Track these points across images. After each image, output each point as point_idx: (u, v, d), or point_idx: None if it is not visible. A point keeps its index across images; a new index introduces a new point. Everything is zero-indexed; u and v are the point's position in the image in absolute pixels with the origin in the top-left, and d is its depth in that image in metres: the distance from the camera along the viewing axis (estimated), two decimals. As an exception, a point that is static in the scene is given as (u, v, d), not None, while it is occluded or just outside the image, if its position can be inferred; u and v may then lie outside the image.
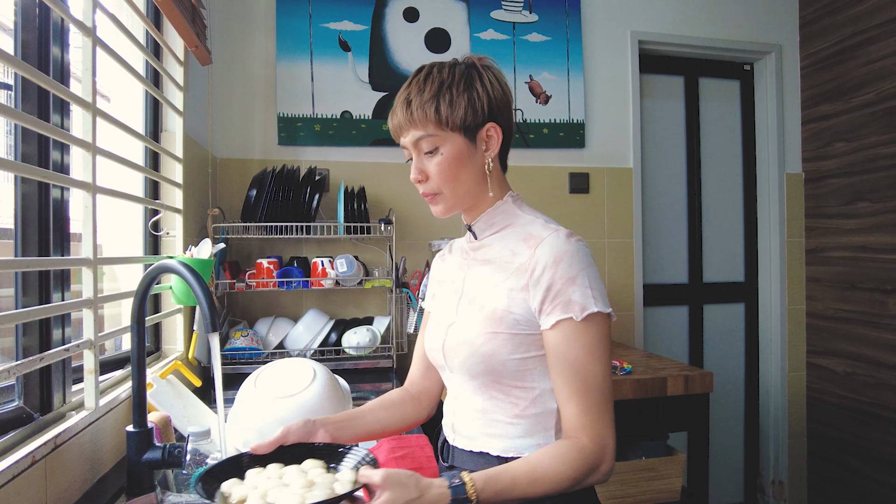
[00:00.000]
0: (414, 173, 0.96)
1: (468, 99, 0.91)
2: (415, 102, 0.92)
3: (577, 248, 0.88)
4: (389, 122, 0.97)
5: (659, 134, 2.79)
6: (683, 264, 2.84)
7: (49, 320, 1.08)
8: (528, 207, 1.00)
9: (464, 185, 0.94)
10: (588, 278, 0.86)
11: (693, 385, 1.85)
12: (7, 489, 0.82)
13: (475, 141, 0.94)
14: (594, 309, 0.85)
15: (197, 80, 1.96)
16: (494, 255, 0.97)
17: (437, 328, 1.02)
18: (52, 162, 1.09)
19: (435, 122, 0.91)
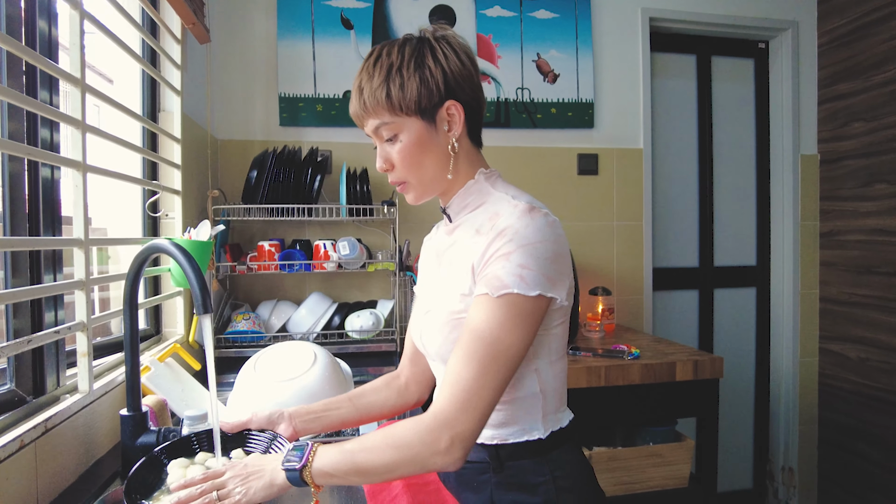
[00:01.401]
0: (379, 162, 0.92)
1: (420, 79, 0.86)
2: (366, 90, 0.87)
3: (528, 222, 0.82)
4: (350, 111, 0.93)
5: (670, 114, 2.72)
6: (694, 248, 2.79)
7: (41, 303, 1.05)
8: (502, 184, 0.94)
9: (429, 171, 0.90)
10: (526, 257, 0.79)
11: (703, 370, 1.81)
12: (-6, 473, 0.80)
13: (435, 122, 0.88)
14: (513, 290, 0.78)
15: (195, 59, 1.92)
16: (464, 237, 0.92)
17: (416, 315, 1.01)
18: (41, 140, 1.06)
19: (388, 109, 0.86)
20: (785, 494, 2.78)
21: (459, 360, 0.79)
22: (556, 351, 0.91)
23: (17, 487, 0.86)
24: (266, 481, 0.79)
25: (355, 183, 2.07)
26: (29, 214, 1.04)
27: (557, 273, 0.82)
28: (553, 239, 0.82)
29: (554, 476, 0.88)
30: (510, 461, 0.89)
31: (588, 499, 0.91)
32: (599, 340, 2.15)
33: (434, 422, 0.76)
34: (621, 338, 2.19)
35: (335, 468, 0.78)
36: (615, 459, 1.79)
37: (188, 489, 0.80)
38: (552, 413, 0.91)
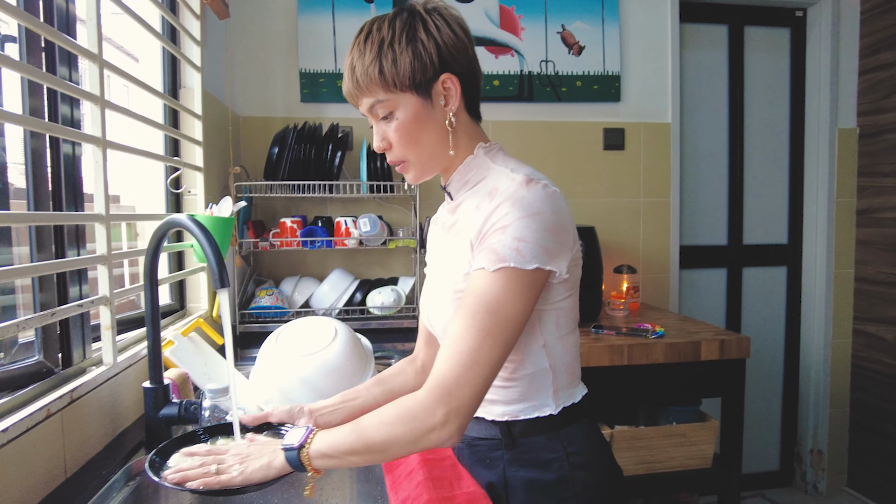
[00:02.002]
0: (377, 141, 0.89)
1: (413, 53, 0.82)
2: (358, 67, 0.84)
3: (524, 194, 0.79)
4: (343, 90, 0.90)
5: (699, 87, 2.63)
6: (723, 225, 2.71)
7: (65, 277, 1.08)
8: (502, 157, 0.91)
9: (427, 148, 0.87)
10: (523, 229, 0.77)
11: (729, 350, 1.77)
12: (21, 441, 0.83)
13: (431, 97, 0.85)
14: (510, 264, 0.76)
15: (215, 34, 1.91)
16: (464, 215, 0.90)
17: (424, 295, 1.00)
18: (62, 116, 1.07)
19: (381, 86, 0.83)
20: (813, 477, 2.74)
21: (455, 333, 0.78)
22: (566, 325, 0.89)
23: (46, 455, 0.88)
24: (264, 462, 0.79)
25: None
26: (52, 191, 1.06)
27: (557, 245, 0.80)
28: (552, 210, 0.80)
29: (567, 452, 0.87)
30: (522, 437, 0.88)
31: (602, 475, 0.90)
32: (624, 319, 2.12)
33: (428, 397, 0.75)
34: (646, 316, 2.16)
35: (332, 449, 0.78)
36: (637, 438, 1.77)
37: (191, 459, 0.82)
38: (564, 389, 0.89)
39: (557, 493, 0.86)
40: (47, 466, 0.89)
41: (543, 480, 0.87)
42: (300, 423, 0.94)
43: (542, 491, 0.87)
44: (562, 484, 0.86)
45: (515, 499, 0.88)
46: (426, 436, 0.75)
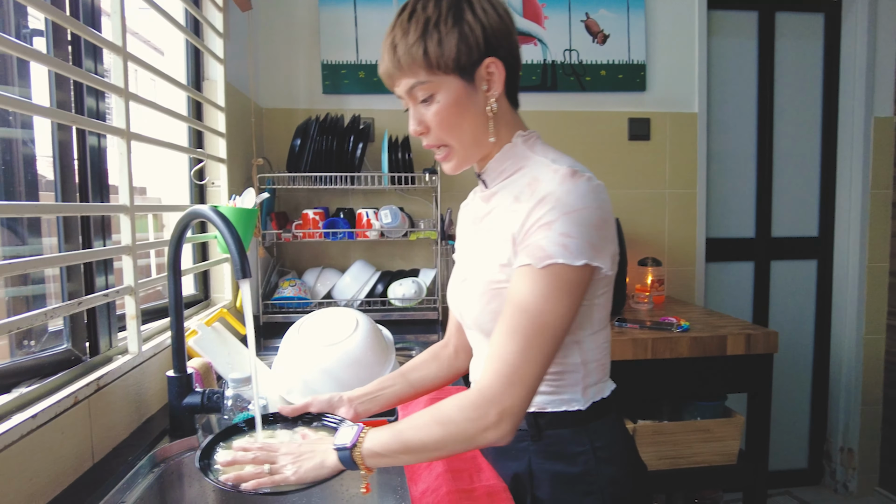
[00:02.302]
0: (413, 125, 0.87)
1: (459, 34, 0.80)
2: (400, 47, 0.81)
3: (571, 188, 0.77)
4: (379, 71, 0.87)
5: (728, 76, 2.57)
6: (750, 217, 2.65)
7: (92, 268, 1.09)
8: (541, 147, 0.89)
9: (468, 133, 0.85)
10: (570, 224, 0.76)
11: (755, 345, 1.73)
12: (50, 426, 0.84)
13: (474, 81, 0.83)
14: (558, 260, 0.75)
15: (238, 27, 1.92)
16: (501, 203, 0.88)
17: (452, 284, 0.99)
18: (87, 109, 1.09)
19: (425, 67, 0.80)
20: (843, 476, 2.67)
21: (503, 333, 0.77)
22: (599, 322, 0.88)
23: (74, 440, 0.90)
24: (317, 461, 0.79)
25: (397, 151, 2.05)
26: (79, 183, 1.08)
27: (602, 240, 0.78)
28: (597, 205, 0.78)
29: (594, 447, 0.86)
30: (549, 429, 0.87)
31: (628, 471, 0.89)
32: (648, 312, 2.09)
33: (480, 398, 0.75)
34: (671, 310, 2.12)
35: (384, 447, 0.77)
36: (660, 433, 1.74)
37: (243, 454, 0.82)
38: (593, 384, 0.88)
39: (583, 486, 0.85)
40: (76, 452, 0.91)
41: (569, 473, 0.86)
42: (340, 412, 0.95)
43: (568, 484, 0.86)
44: (587, 477, 0.85)
45: (541, 490, 0.87)
46: (480, 434, 0.74)
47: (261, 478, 0.78)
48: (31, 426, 0.80)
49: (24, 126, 1.04)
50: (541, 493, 0.87)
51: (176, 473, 1.04)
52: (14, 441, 0.77)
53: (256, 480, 0.77)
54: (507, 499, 0.85)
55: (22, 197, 1.00)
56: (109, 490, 0.88)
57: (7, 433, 0.75)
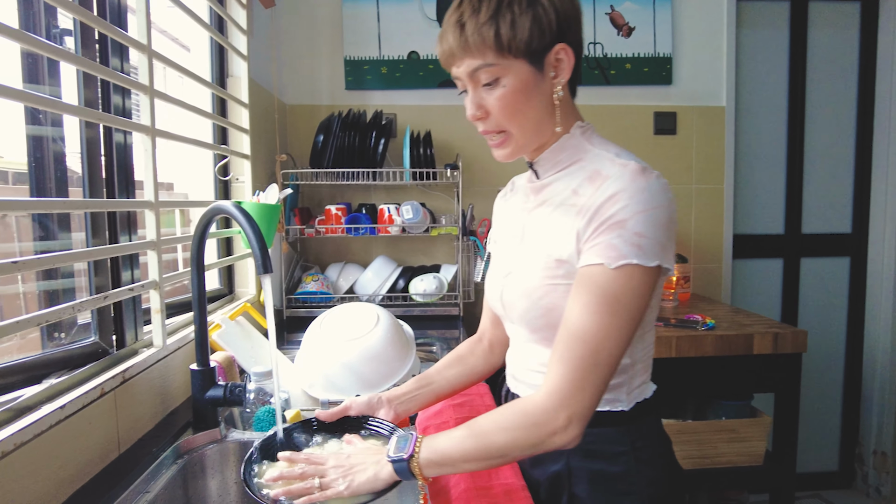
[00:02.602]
0: (471, 109, 0.82)
1: (533, 17, 0.76)
2: (469, 25, 0.76)
3: (644, 186, 0.74)
4: (438, 49, 0.82)
5: (757, 68, 2.50)
6: (780, 213, 2.58)
7: (118, 262, 1.12)
8: (598, 139, 0.86)
9: (531, 121, 0.81)
10: (643, 224, 0.73)
11: (783, 344, 1.69)
12: (79, 417, 0.87)
13: (542, 67, 0.79)
14: (632, 261, 0.72)
15: (261, 23, 1.94)
16: (555, 196, 0.85)
17: (495, 277, 0.94)
18: (114, 106, 1.11)
19: (494, 49, 0.76)
20: (876, 479, 2.60)
21: (573, 334, 0.74)
22: (649, 322, 0.86)
23: (100, 431, 0.93)
24: (370, 475, 0.76)
25: (419, 146, 2.05)
26: (105, 179, 1.10)
27: (669, 240, 0.75)
28: (667, 204, 0.75)
29: (635, 447, 0.84)
30: (589, 427, 0.82)
31: (666, 472, 0.87)
32: (673, 310, 2.06)
33: (549, 401, 0.73)
34: (696, 307, 2.09)
35: (444, 457, 0.75)
36: (684, 432, 1.72)
37: (291, 468, 0.80)
38: (638, 385, 0.87)
39: (622, 486, 0.84)
40: (102, 442, 0.93)
41: (608, 472, 0.85)
42: (380, 413, 0.93)
43: (606, 483, 0.85)
44: (627, 478, 0.84)
45: (578, 488, 0.86)
46: (548, 439, 0.73)
47: (311, 493, 0.76)
48: (60, 416, 0.82)
49: (54, 124, 1.06)
50: (578, 490, 0.85)
51: (199, 465, 1.06)
52: (44, 430, 0.79)
53: (308, 497, 0.75)
54: (525, 497, 0.84)
55: (52, 193, 1.02)
56: (135, 480, 0.90)
57: (38, 422, 0.77)
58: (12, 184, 1.87)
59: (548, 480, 0.89)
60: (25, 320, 0.78)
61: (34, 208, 0.89)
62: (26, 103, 0.82)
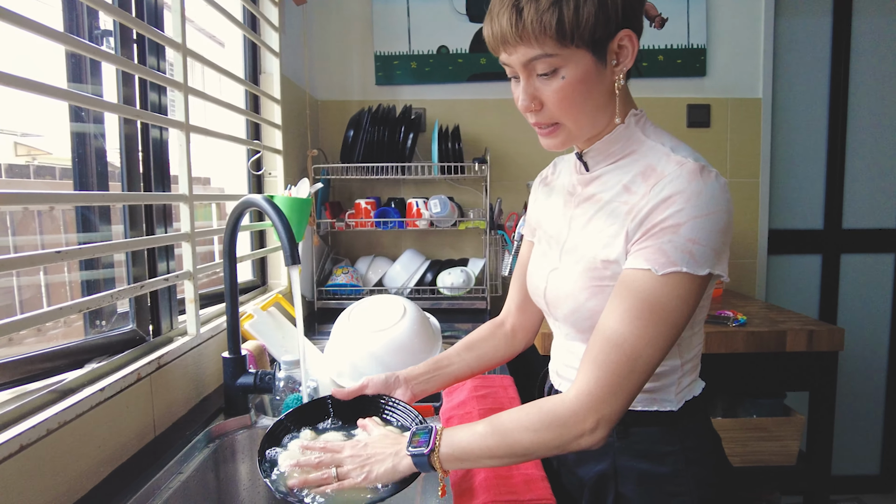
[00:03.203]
0: (524, 100, 0.77)
1: (599, 3, 0.70)
2: (528, 11, 0.70)
3: (701, 189, 0.70)
4: (486, 31, 0.76)
5: (797, 58, 2.42)
6: (819, 208, 2.50)
7: (154, 254, 1.17)
8: (653, 129, 0.81)
9: (588, 113, 0.76)
10: (698, 230, 0.69)
11: (819, 342, 1.65)
12: (117, 400, 0.91)
13: (605, 56, 0.73)
14: (682, 269, 0.69)
15: (293, 20, 1.98)
16: (605, 191, 0.81)
17: (538, 271, 0.91)
18: (150, 103, 1.15)
19: (556, 38, 0.70)
20: (918, 482, 2.51)
21: (611, 339, 0.71)
22: (699, 323, 0.83)
23: (137, 413, 0.97)
24: (388, 466, 0.76)
25: (447, 140, 2.06)
26: (143, 173, 1.15)
27: (724, 245, 0.72)
28: (725, 207, 0.71)
29: (684, 447, 0.82)
30: (636, 427, 0.83)
31: (717, 472, 0.84)
32: (703, 306, 2.02)
33: (579, 404, 0.71)
34: (729, 303, 2.05)
35: (465, 453, 0.74)
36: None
37: (307, 457, 0.80)
38: (687, 385, 0.84)
39: (671, 487, 0.82)
40: (139, 424, 0.98)
41: (657, 473, 0.82)
42: (396, 393, 0.93)
43: (655, 483, 0.83)
44: (676, 478, 0.82)
45: (626, 487, 0.84)
46: (575, 441, 0.72)
47: (329, 483, 0.76)
48: (100, 398, 0.87)
49: (95, 121, 1.11)
50: (626, 489, 0.84)
51: (230, 449, 1.10)
52: (85, 411, 0.83)
53: (324, 487, 0.75)
54: (544, 487, 0.85)
55: (94, 187, 1.07)
56: (169, 461, 0.94)
57: (79, 404, 0.82)
58: (59, 178, 1.96)
59: (593, 480, 0.87)
60: (69, 307, 0.83)
61: (77, 201, 0.94)
62: (70, 102, 0.87)
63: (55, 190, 2.30)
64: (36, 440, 0.73)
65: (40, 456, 0.74)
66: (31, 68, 1.12)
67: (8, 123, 1.91)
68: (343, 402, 0.92)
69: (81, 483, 0.83)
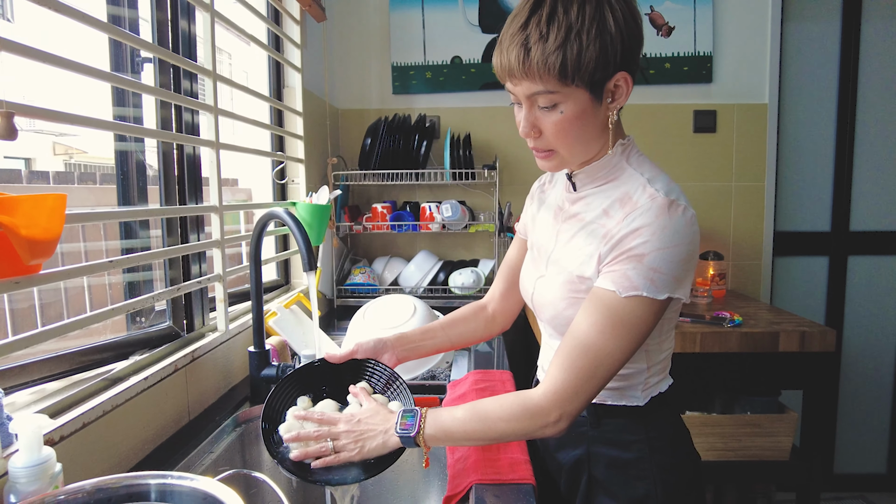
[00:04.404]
0: (525, 128, 0.84)
1: (600, 48, 0.75)
2: (535, 51, 0.75)
3: (666, 224, 0.78)
4: (496, 61, 0.82)
5: (804, 63, 2.47)
6: (826, 209, 2.55)
7: (188, 258, 1.30)
8: (636, 157, 0.88)
9: (582, 144, 0.84)
10: (660, 260, 0.77)
11: (811, 342, 1.72)
12: (157, 388, 1.05)
13: (601, 94, 0.80)
14: (642, 293, 0.78)
15: (314, 36, 2.10)
16: (588, 212, 0.89)
17: (528, 276, 1.01)
18: (185, 123, 1.29)
19: (558, 79, 0.76)
20: (924, 481, 2.55)
21: (577, 347, 0.81)
22: (667, 331, 0.92)
23: (174, 401, 1.11)
24: (379, 442, 0.87)
25: (459, 148, 2.17)
26: (178, 185, 1.28)
27: (686, 273, 0.80)
28: (689, 240, 0.79)
29: (648, 436, 0.91)
30: (607, 418, 0.94)
31: (681, 459, 0.94)
32: (706, 307, 2.10)
33: (546, 402, 0.81)
34: (730, 305, 2.12)
35: (446, 435, 0.86)
36: (708, 425, 1.78)
37: (307, 430, 0.90)
38: (654, 384, 0.93)
39: (635, 471, 0.91)
40: (175, 410, 1.11)
41: (623, 459, 0.92)
42: (384, 358, 1.03)
43: (621, 468, 0.92)
44: (640, 463, 0.91)
45: (597, 470, 0.94)
46: (539, 430, 0.83)
47: (327, 455, 0.87)
48: (143, 386, 1.00)
49: (136, 140, 1.25)
50: (597, 472, 0.94)
51: (254, 433, 1.23)
52: (132, 397, 0.97)
53: (323, 459, 0.86)
54: (527, 469, 0.96)
55: (136, 197, 1.21)
56: (201, 442, 1.08)
57: (127, 390, 0.95)
58: (100, 184, 2.13)
59: (570, 463, 0.98)
60: (118, 308, 0.97)
61: (123, 217, 1.07)
62: (115, 131, 1.00)
63: (99, 196, 2.47)
64: (94, 419, 0.87)
65: (99, 433, 0.88)
66: (81, 96, 1.27)
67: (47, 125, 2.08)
68: (335, 365, 1.02)
69: (129, 458, 0.96)
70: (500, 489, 0.90)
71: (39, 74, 0.89)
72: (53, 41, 0.98)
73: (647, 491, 0.91)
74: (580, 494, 0.96)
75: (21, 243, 0.70)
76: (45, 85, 1.24)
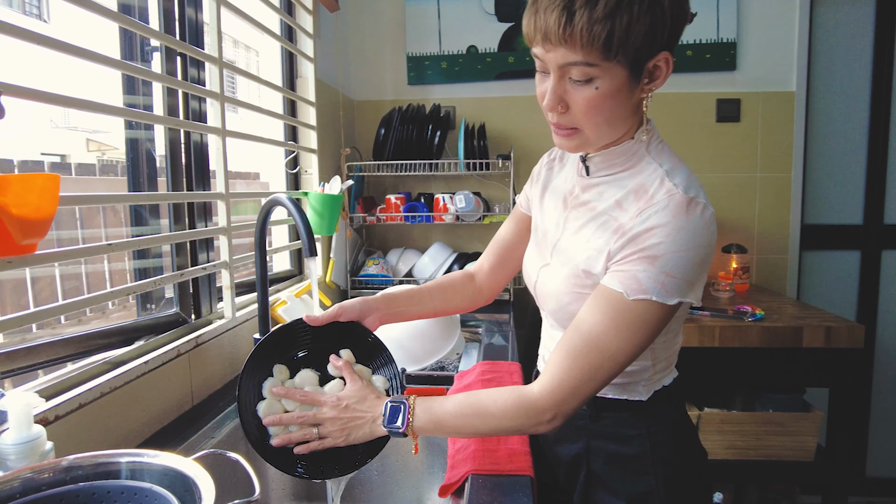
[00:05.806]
0: (550, 101, 0.75)
1: (651, 23, 0.68)
2: (580, 17, 0.67)
3: (683, 224, 0.72)
4: (528, 21, 0.73)
5: (834, 49, 2.37)
6: (858, 202, 2.44)
7: (195, 245, 1.31)
8: (656, 146, 0.82)
9: (611, 125, 0.77)
10: (673, 264, 0.72)
11: (837, 338, 1.65)
12: (158, 372, 1.05)
13: (640, 74, 0.73)
14: (651, 297, 0.73)
15: (327, 26, 2.10)
16: (600, 202, 0.83)
17: (532, 263, 0.97)
18: (192, 110, 1.29)
19: (601, 50, 0.69)
20: (961, 486, 2.43)
21: (579, 347, 0.77)
22: (675, 329, 0.89)
23: (176, 385, 1.11)
24: (366, 431, 0.84)
25: (473, 138, 2.15)
26: (185, 173, 1.29)
27: (699, 276, 0.75)
28: (707, 242, 0.74)
29: (650, 431, 0.89)
30: (607, 412, 0.91)
31: (683, 455, 0.91)
32: (728, 300, 2.04)
33: (542, 401, 0.78)
34: (752, 298, 2.05)
35: (437, 427, 0.83)
36: (727, 422, 1.72)
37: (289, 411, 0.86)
38: (658, 379, 0.90)
39: (635, 466, 0.89)
40: (179, 394, 1.12)
41: (623, 454, 0.89)
42: (368, 321, 0.95)
43: (621, 463, 0.90)
44: (641, 459, 0.88)
45: (596, 465, 0.92)
46: (533, 427, 0.80)
47: (310, 441, 0.84)
48: (143, 370, 1.01)
49: (146, 128, 1.26)
50: (595, 466, 0.91)
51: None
52: (131, 380, 0.97)
53: (307, 445, 0.83)
54: (526, 461, 0.93)
55: (145, 185, 1.22)
56: (203, 427, 1.08)
57: (125, 373, 0.96)
58: (121, 175, 2.15)
59: (569, 457, 0.95)
60: (116, 291, 0.97)
61: (129, 201, 1.08)
62: (124, 117, 1.01)
63: (115, 187, 2.52)
64: (91, 401, 0.87)
65: (96, 414, 0.88)
66: (93, 84, 1.29)
67: (82, 122, 2.14)
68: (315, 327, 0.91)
69: (127, 440, 0.97)
70: (496, 480, 0.87)
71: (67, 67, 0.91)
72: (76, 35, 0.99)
73: (648, 487, 0.88)
74: (578, 489, 0.93)
75: (12, 222, 0.71)
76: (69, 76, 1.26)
